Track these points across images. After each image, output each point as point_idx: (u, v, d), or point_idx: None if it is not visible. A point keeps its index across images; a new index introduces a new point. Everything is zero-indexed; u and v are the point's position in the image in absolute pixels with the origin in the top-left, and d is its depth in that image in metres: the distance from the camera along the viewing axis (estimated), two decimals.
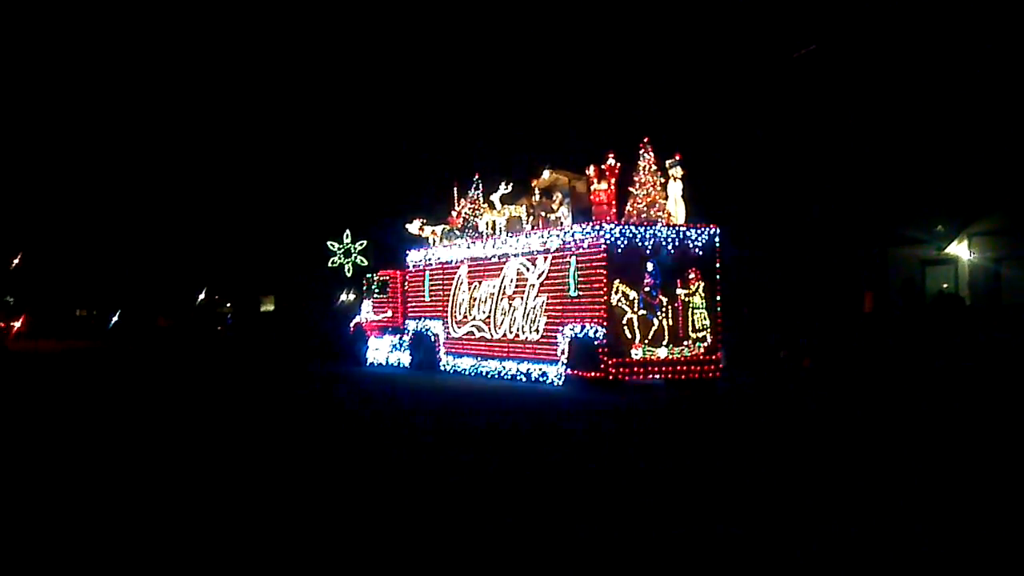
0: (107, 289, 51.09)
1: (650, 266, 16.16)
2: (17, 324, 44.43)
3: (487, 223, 20.18)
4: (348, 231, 25.67)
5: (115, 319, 49.06)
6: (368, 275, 26.16)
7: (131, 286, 49.81)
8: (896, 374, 17.83)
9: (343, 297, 36.63)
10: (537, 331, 17.89)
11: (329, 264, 25.99)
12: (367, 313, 25.84)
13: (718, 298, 16.87)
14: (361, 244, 25.16)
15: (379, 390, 18.11)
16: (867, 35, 27.53)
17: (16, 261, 46.60)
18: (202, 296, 48.87)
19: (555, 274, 17.38)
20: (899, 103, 26.72)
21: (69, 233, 49.46)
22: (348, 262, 25.48)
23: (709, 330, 16.52)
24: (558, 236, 17.38)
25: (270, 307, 46.12)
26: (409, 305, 23.51)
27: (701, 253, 16.61)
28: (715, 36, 30.68)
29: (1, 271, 46.07)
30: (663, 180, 16.81)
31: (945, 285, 25.25)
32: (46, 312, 50.34)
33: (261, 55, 42.09)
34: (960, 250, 25.47)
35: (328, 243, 26.00)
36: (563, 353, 16.95)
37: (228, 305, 50.90)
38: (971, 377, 16.83)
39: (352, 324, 26.86)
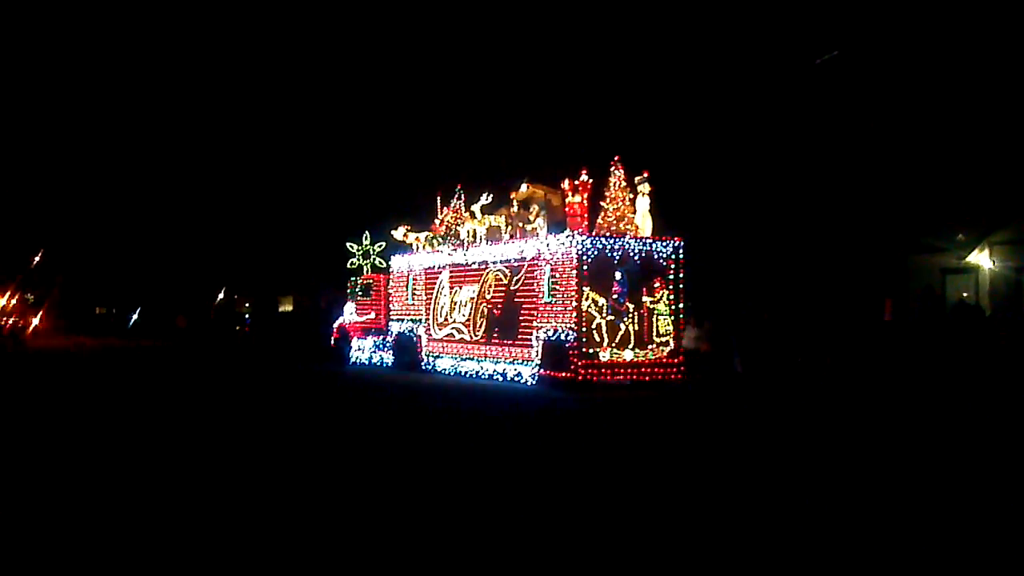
0: (128, 287, 51.51)
1: (618, 275, 17.44)
2: (35, 321, 45.07)
3: (468, 231, 21.38)
4: (367, 232, 26.84)
5: (135, 318, 49.57)
6: (352, 278, 27.28)
7: (152, 285, 50.27)
8: (903, 379, 18.07)
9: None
10: (513, 334, 19.13)
11: (348, 265, 27.06)
12: (350, 315, 26.93)
13: (681, 305, 18.23)
14: (380, 246, 26.29)
15: (368, 386, 19.24)
16: (890, 43, 27.72)
17: (37, 259, 47.06)
18: (221, 296, 49.27)
19: (530, 280, 18.63)
20: (921, 111, 26.84)
21: (91, 232, 49.98)
22: (367, 263, 26.59)
23: (672, 335, 17.86)
24: (534, 245, 18.63)
25: (289, 307, 46.64)
26: (392, 308, 24.66)
27: (666, 263, 17.94)
28: (706, 47, 31.76)
29: (22, 269, 46.48)
30: (632, 196, 18.13)
31: (965, 294, 24.96)
32: (67, 310, 50.90)
33: (280, 66, 43.34)
34: (981, 259, 25.15)
35: (348, 244, 27.11)
36: (537, 355, 18.20)
37: (247, 305, 51.40)
38: (979, 384, 16.97)
39: (336, 325, 27.96)
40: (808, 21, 30.06)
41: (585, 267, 17.19)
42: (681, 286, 18.12)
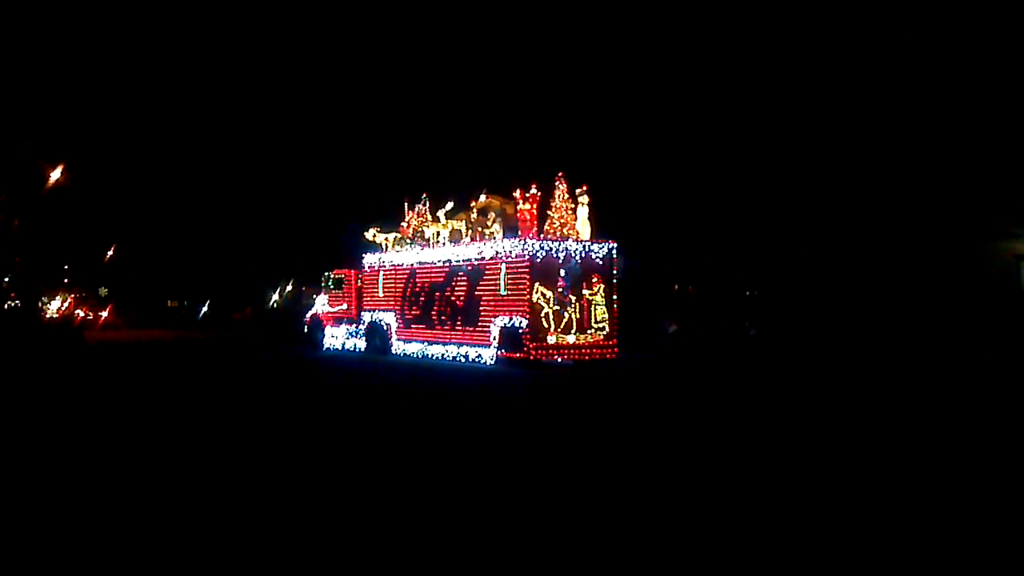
0: (200, 281, 52.69)
1: (563, 272, 21.03)
2: (104, 314, 46.63)
3: (433, 234, 24.72)
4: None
5: (204, 310, 50.98)
6: (325, 273, 30.32)
7: (222, 278, 51.65)
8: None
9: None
10: (474, 322, 22.59)
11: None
12: (323, 306, 30.06)
13: (615, 296, 21.90)
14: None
15: (351, 367, 22.45)
16: (959, 25, 27.69)
17: (110, 254, 48.35)
18: (290, 288, 50.54)
19: (489, 277, 22.09)
20: (993, 95, 26.62)
21: (162, 227, 51.28)
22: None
23: (608, 321, 21.53)
24: (492, 247, 22.08)
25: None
26: (364, 299, 27.87)
27: (602, 262, 21.58)
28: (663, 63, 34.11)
29: (95, 264, 47.67)
30: (573, 205, 21.70)
31: None
32: (138, 303, 52.10)
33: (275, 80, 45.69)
34: None
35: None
36: (495, 339, 21.69)
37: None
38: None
39: (308, 315, 31.06)
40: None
41: (535, 266, 20.72)
42: (615, 281, 21.81)
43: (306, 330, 30.73)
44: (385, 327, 26.41)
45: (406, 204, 26.21)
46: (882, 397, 14.17)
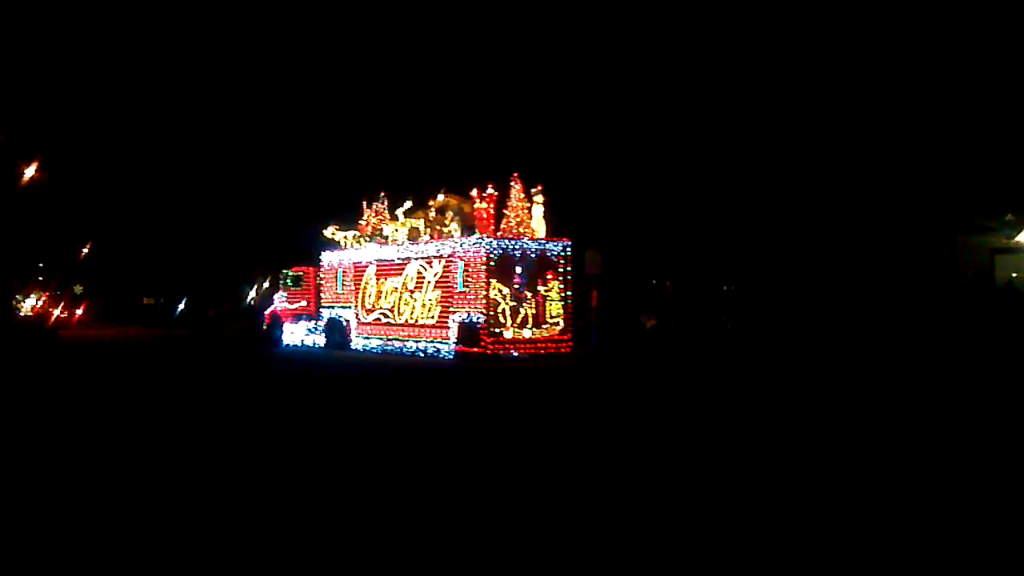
0: (177, 278, 51.83)
1: (519, 269, 21.76)
2: (79, 312, 45.79)
3: (392, 232, 25.29)
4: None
5: (181, 308, 50.24)
6: (283, 271, 30.66)
7: (199, 275, 50.87)
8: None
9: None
10: (432, 317, 23.21)
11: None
12: (282, 303, 30.39)
13: (569, 292, 22.70)
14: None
15: (313, 361, 22.90)
16: (936, 19, 27.80)
17: (86, 251, 47.36)
18: (267, 284, 50.03)
19: (447, 274, 22.72)
20: (970, 90, 26.62)
21: (138, 223, 50.44)
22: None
23: (562, 317, 22.32)
24: (450, 245, 22.73)
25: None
26: (323, 296, 28.28)
27: (556, 259, 22.36)
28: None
29: (70, 261, 46.75)
30: (529, 205, 22.44)
31: (1015, 275, 24.44)
32: (114, 301, 51.15)
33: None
34: None
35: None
36: (453, 334, 22.34)
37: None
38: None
39: (267, 313, 31.35)
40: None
41: (492, 263, 21.41)
42: (569, 277, 22.60)
43: (265, 328, 31.01)
44: (344, 323, 26.87)
45: (364, 203, 26.72)
46: (858, 391, 14.20)
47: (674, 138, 33.33)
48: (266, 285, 50.22)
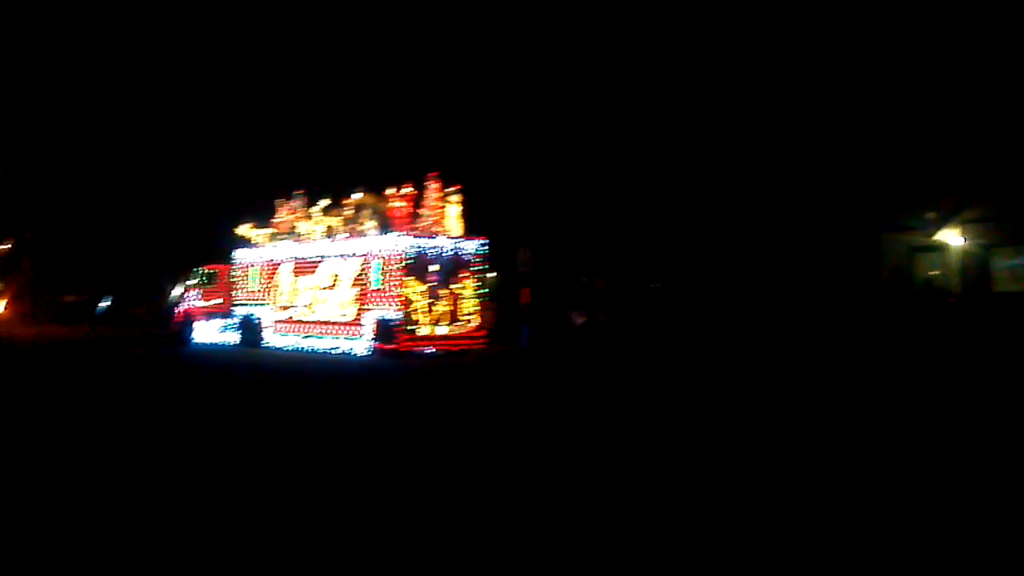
0: (101, 275, 49.61)
1: (434, 267, 22.08)
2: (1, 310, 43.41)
3: (308, 230, 25.27)
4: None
5: (105, 306, 48.10)
6: (195, 268, 30.18)
7: (124, 273, 48.79)
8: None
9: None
10: (348, 315, 23.32)
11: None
12: (194, 301, 29.92)
13: (485, 290, 23.13)
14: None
15: (230, 360, 22.73)
16: (858, 20, 27.96)
17: (7, 247, 44.88)
18: (181, 283, 48.44)
19: (363, 272, 22.87)
20: (895, 89, 26.88)
21: (61, 219, 48.15)
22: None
23: (476, 313, 22.74)
24: (366, 243, 22.89)
25: None
26: (237, 294, 28.02)
27: (471, 258, 22.77)
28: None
29: None
30: (445, 204, 22.80)
31: (932, 272, 25.24)
32: (37, 299, 48.83)
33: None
34: (950, 237, 25.37)
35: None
36: (368, 332, 22.50)
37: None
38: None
39: (180, 311, 30.78)
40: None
41: (407, 261, 21.69)
42: (485, 275, 23.03)
43: (175, 326, 30.47)
44: (258, 321, 26.70)
45: (280, 200, 26.61)
46: (776, 388, 14.46)
47: (606, 138, 33.85)
48: (181, 284, 49.25)
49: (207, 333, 28.95)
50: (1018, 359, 17.80)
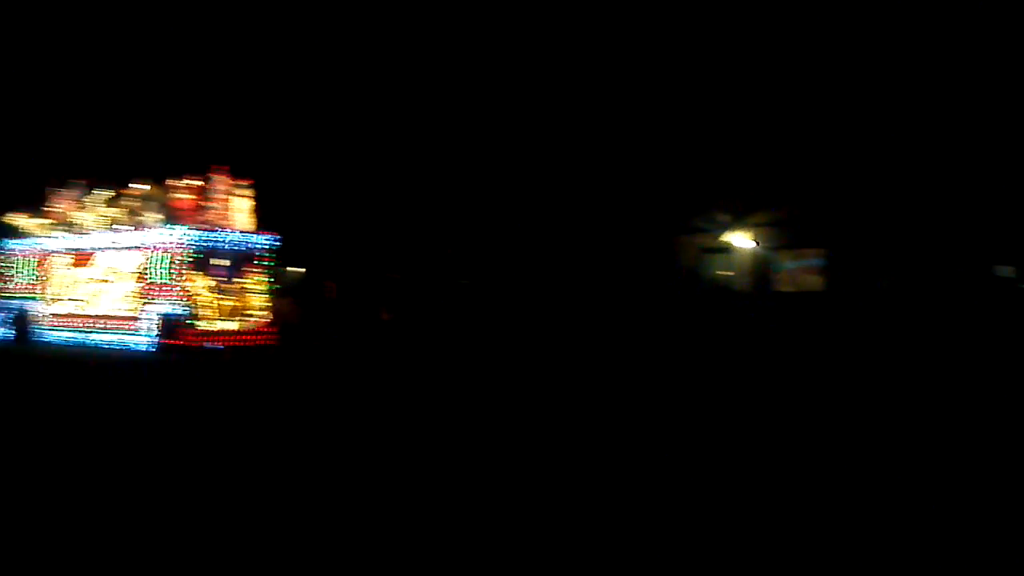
0: None
1: (221, 261, 21.85)
2: None
3: (86, 220, 24.17)
4: None
5: None
6: None
7: None
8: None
9: None
10: (128, 309, 22.58)
11: None
12: None
13: (277, 286, 23.13)
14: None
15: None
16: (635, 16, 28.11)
17: None
18: None
19: (147, 264, 22.23)
20: (693, 95, 27.24)
21: None
22: None
23: (265, 309, 22.70)
24: (148, 235, 22.26)
25: None
26: (7, 286, 26.28)
27: (261, 252, 22.70)
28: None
29: None
30: (234, 197, 22.57)
31: (720, 273, 26.23)
32: None
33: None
34: (738, 239, 26.42)
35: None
36: (151, 326, 21.91)
37: None
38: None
39: None
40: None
41: (192, 254, 21.34)
42: (277, 270, 23.04)
43: None
44: (31, 315, 25.23)
45: (55, 188, 25.26)
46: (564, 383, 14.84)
47: (412, 136, 34.14)
48: None
49: None
50: (782, 357, 19.25)
